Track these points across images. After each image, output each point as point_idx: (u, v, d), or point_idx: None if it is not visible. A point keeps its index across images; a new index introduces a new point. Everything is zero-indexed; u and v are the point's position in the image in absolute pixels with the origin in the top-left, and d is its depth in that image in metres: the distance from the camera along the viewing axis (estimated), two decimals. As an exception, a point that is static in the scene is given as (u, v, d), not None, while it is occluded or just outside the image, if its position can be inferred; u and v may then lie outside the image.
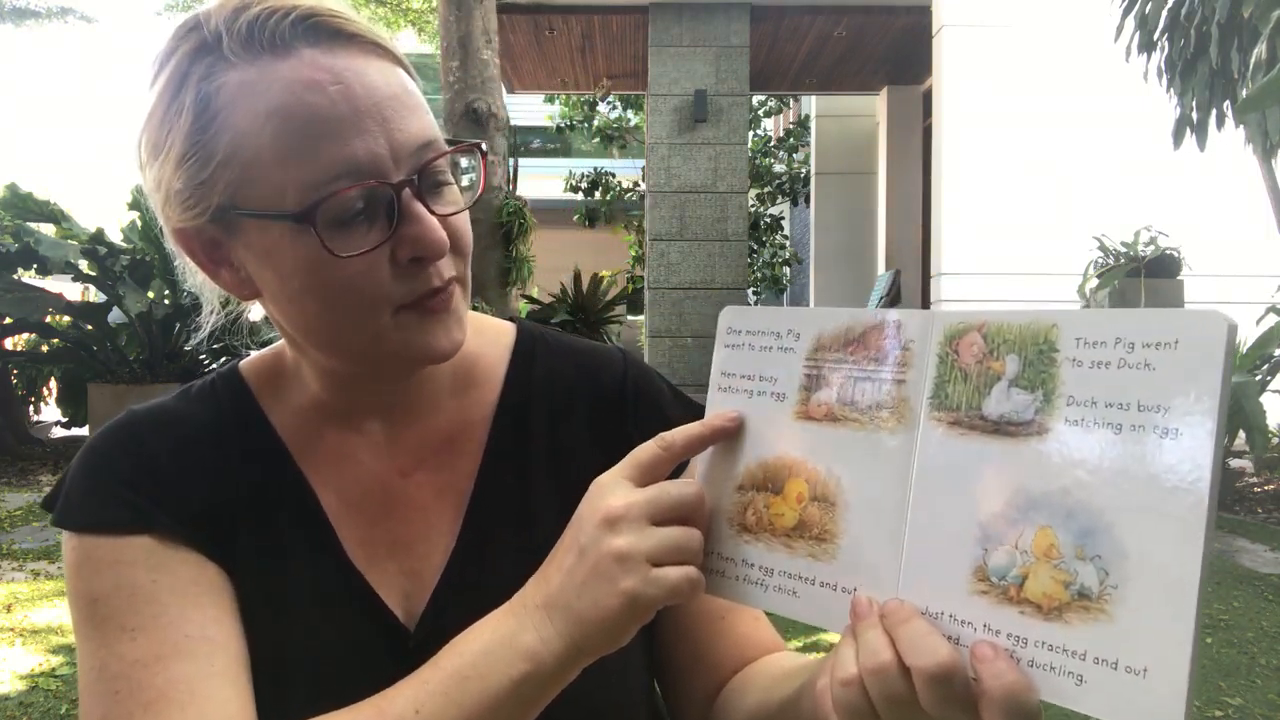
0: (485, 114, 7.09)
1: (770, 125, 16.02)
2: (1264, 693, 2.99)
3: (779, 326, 0.62)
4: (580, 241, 15.25)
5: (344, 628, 0.72)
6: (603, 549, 0.56)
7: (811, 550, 0.57)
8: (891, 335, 0.56)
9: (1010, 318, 0.52)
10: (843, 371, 0.58)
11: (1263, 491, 6.51)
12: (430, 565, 0.75)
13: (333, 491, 0.75)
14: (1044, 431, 0.49)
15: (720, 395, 0.63)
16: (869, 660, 0.50)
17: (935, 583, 0.52)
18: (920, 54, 9.32)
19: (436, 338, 0.68)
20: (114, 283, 7.19)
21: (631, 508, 0.56)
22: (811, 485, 0.58)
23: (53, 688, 2.98)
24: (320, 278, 0.64)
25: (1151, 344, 0.46)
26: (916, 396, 0.54)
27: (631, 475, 0.59)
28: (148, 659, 0.63)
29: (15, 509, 5.85)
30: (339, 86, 0.61)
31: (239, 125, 0.62)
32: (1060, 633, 0.47)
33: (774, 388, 0.61)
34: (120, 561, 0.66)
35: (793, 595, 0.58)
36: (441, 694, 0.58)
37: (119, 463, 0.71)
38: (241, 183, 0.63)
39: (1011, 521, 0.49)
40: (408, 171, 0.63)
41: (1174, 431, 0.45)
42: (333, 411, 0.76)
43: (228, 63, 0.62)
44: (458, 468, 0.78)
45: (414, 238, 0.64)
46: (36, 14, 15.27)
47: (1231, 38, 5.33)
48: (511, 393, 0.81)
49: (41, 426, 9.09)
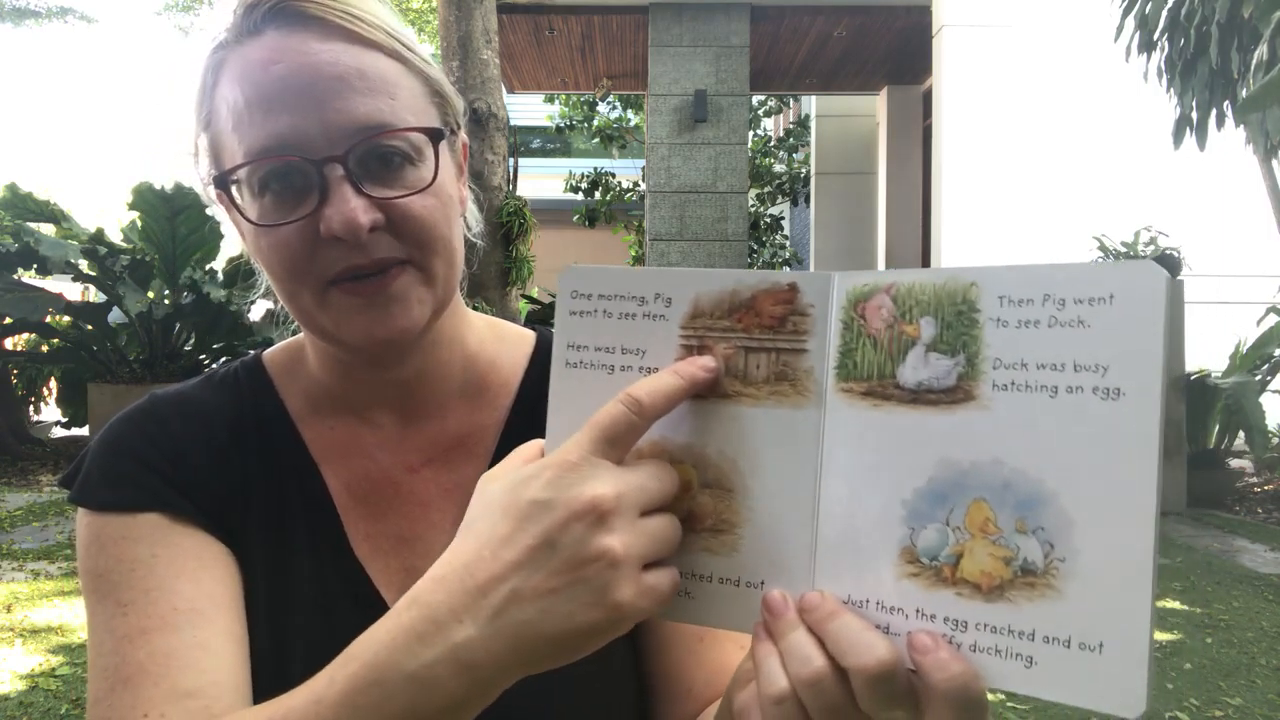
0: (485, 114, 7.09)
1: (770, 125, 16.03)
2: (1264, 693, 2.99)
3: (642, 290, 0.53)
4: (580, 241, 15.26)
5: (343, 621, 0.72)
6: (594, 548, 0.46)
7: (706, 544, 0.51)
8: (785, 300, 0.50)
9: (922, 276, 0.47)
10: (731, 341, 0.51)
11: (1263, 491, 6.51)
12: (431, 562, 0.75)
13: (343, 483, 0.76)
14: (970, 398, 0.45)
15: (568, 371, 0.54)
16: (801, 669, 0.45)
17: (857, 569, 0.47)
18: (920, 54, 9.32)
19: (372, 322, 0.67)
20: (114, 283, 7.19)
21: (622, 498, 0.47)
22: (701, 471, 0.51)
23: (53, 688, 2.98)
24: (253, 244, 0.69)
25: (1084, 300, 0.43)
26: (820, 366, 0.49)
27: (605, 452, 0.48)
28: (133, 633, 0.64)
29: (15, 509, 5.85)
30: (280, 66, 0.64)
31: (215, 100, 0.69)
32: (1004, 613, 0.43)
33: (642, 361, 0.52)
34: (126, 538, 0.68)
35: (686, 596, 0.51)
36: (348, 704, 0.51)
37: (138, 445, 0.72)
38: (214, 151, 0.70)
39: (940, 497, 0.45)
40: (343, 150, 0.64)
41: (1116, 391, 0.42)
42: (343, 402, 0.77)
43: (225, 46, 0.68)
44: (465, 469, 0.78)
45: (328, 215, 0.64)
46: (36, 14, 15.28)
47: (1231, 38, 5.33)
48: (525, 401, 0.81)
49: (41, 426, 9.09)
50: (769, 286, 0.50)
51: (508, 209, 7.32)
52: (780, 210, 15.42)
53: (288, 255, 0.66)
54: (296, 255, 0.65)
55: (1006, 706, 2.85)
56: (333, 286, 0.66)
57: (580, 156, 18.11)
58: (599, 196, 13.61)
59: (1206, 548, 4.96)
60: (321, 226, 0.64)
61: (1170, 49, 5.84)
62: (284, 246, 0.65)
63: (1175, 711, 2.83)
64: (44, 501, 6.07)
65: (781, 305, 0.50)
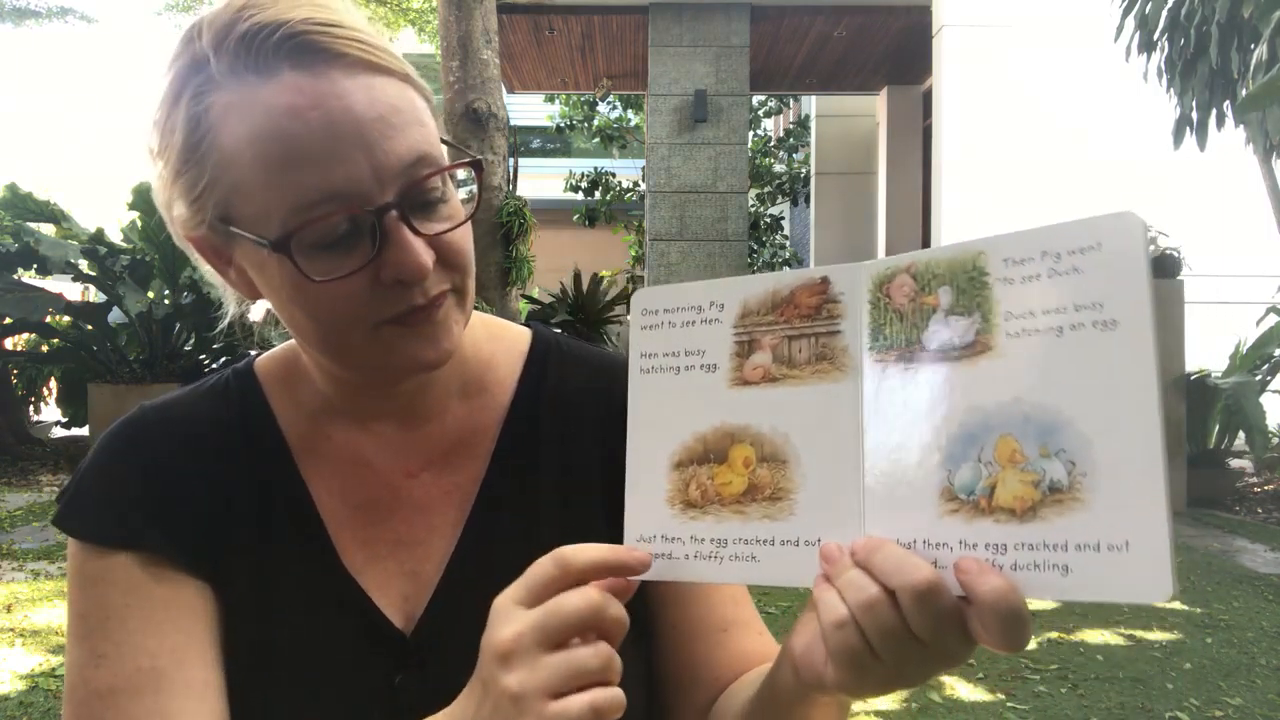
0: (485, 114, 7.09)
1: (770, 125, 16.02)
2: (1264, 693, 2.99)
3: (699, 300, 0.62)
4: (580, 241, 15.26)
5: (331, 631, 0.73)
6: (500, 688, 0.53)
7: (767, 512, 0.57)
8: (820, 291, 0.57)
9: (936, 254, 0.54)
10: (776, 333, 0.58)
11: (1263, 491, 6.51)
12: (430, 566, 0.75)
13: (335, 492, 0.76)
14: (987, 349, 0.51)
15: (643, 378, 0.62)
16: (856, 596, 0.50)
17: (904, 514, 0.52)
18: (920, 54, 9.32)
19: (422, 349, 0.68)
20: (114, 283, 7.19)
21: (520, 639, 0.53)
22: (758, 447, 0.58)
23: (53, 688, 2.98)
24: (303, 294, 0.65)
25: (1076, 250, 0.49)
26: (855, 343, 0.55)
27: (522, 598, 0.55)
28: (103, 690, 0.67)
29: (15, 509, 5.85)
30: (318, 112, 0.60)
31: (224, 147, 0.62)
32: (1038, 530, 0.48)
33: (703, 360, 0.61)
34: (103, 580, 0.70)
35: (752, 561, 0.57)
36: None
37: (123, 473, 0.73)
38: (230, 202, 0.64)
39: (971, 438, 0.50)
40: (395, 192, 0.63)
41: (1112, 322, 0.47)
42: (341, 411, 0.77)
43: (215, 83, 0.62)
44: (464, 471, 0.78)
45: (396, 262, 0.63)
46: (36, 14, 15.28)
47: (1231, 38, 5.33)
48: (522, 400, 0.81)
49: (41, 426, 9.09)
50: (805, 282, 0.58)
51: (508, 209, 7.32)
52: (780, 210, 15.41)
53: (347, 306, 0.64)
54: (356, 303, 0.64)
55: (1007, 707, 2.86)
56: (385, 324, 0.66)
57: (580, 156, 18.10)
58: (599, 196, 13.61)
59: (1206, 548, 4.96)
60: (385, 273, 0.64)
61: (1170, 49, 5.84)
62: (345, 298, 0.64)
63: (1175, 711, 2.83)
64: (44, 501, 6.07)
65: (816, 296, 0.57)
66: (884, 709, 2.82)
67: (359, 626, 0.73)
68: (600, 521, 0.78)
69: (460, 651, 0.73)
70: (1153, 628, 3.61)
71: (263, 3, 0.63)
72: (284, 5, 0.63)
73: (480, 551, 0.75)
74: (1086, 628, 3.57)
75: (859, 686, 0.53)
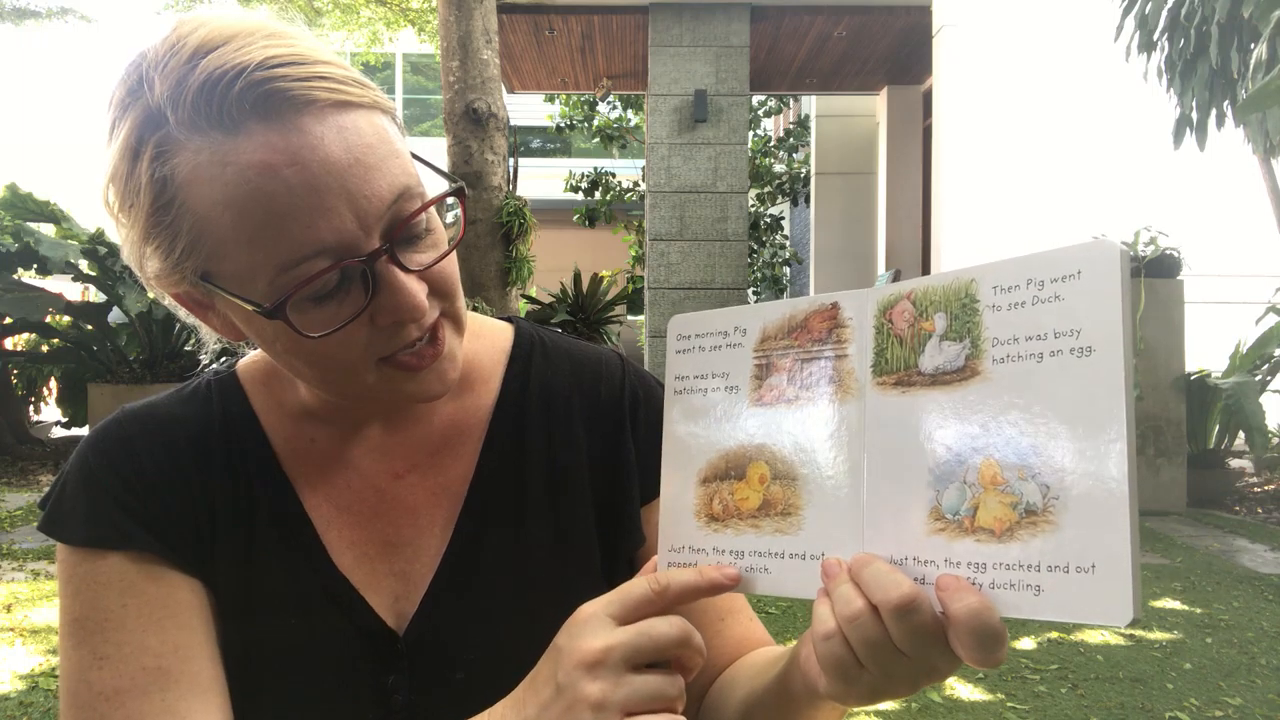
0: (485, 114, 7.09)
1: (770, 125, 16.01)
2: (1264, 693, 2.99)
3: (725, 326, 0.66)
4: (580, 241, 15.26)
5: (321, 633, 0.73)
6: (579, 693, 0.54)
7: (778, 526, 0.60)
8: (830, 316, 0.61)
9: (934, 281, 0.56)
10: (790, 356, 0.62)
11: (1263, 491, 6.51)
12: (421, 566, 0.75)
13: (322, 495, 0.76)
14: (976, 374, 0.53)
15: (676, 399, 0.67)
16: (843, 609, 0.53)
17: (896, 532, 0.55)
18: (920, 54, 9.32)
19: (429, 384, 0.69)
20: (114, 283, 7.19)
21: (611, 652, 0.55)
22: (772, 465, 0.61)
23: (52, 688, 2.98)
24: (300, 346, 0.64)
25: (1058, 278, 0.51)
26: (861, 367, 0.58)
27: (616, 613, 0.57)
28: (109, 692, 0.66)
29: (15, 509, 5.85)
30: (294, 169, 0.58)
31: (198, 211, 0.59)
32: (1014, 551, 0.50)
33: (726, 382, 0.64)
34: (96, 582, 0.69)
35: (765, 572, 0.60)
36: None
37: (106, 476, 0.72)
38: (211, 261, 0.61)
39: (958, 460, 0.53)
40: (381, 234, 0.62)
41: (1087, 349, 0.49)
42: (325, 417, 0.77)
43: (177, 142, 0.59)
44: (451, 470, 0.78)
45: (392, 307, 0.63)
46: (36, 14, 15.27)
47: (1231, 38, 5.32)
48: (507, 397, 0.80)
49: (41, 426, 9.09)
50: (817, 308, 0.61)
51: (508, 209, 7.31)
52: (780, 210, 15.41)
53: (346, 352, 0.64)
54: (354, 349, 0.64)
55: (1007, 707, 2.86)
56: (385, 361, 0.66)
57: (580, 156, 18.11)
58: (599, 196, 13.61)
59: (1206, 548, 4.95)
60: (382, 318, 0.63)
61: (1170, 49, 5.84)
62: (342, 345, 0.63)
63: (1175, 711, 2.83)
64: (44, 501, 6.07)
65: (827, 321, 0.61)
66: (884, 709, 2.82)
67: (351, 626, 0.73)
68: (589, 519, 0.78)
69: (452, 651, 0.73)
70: (1153, 628, 3.61)
71: (213, 40, 0.59)
72: (238, 43, 0.59)
73: (470, 551, 0.75)
74: (1086, 628, 3.57)
75: (848, 695, 0.55)
